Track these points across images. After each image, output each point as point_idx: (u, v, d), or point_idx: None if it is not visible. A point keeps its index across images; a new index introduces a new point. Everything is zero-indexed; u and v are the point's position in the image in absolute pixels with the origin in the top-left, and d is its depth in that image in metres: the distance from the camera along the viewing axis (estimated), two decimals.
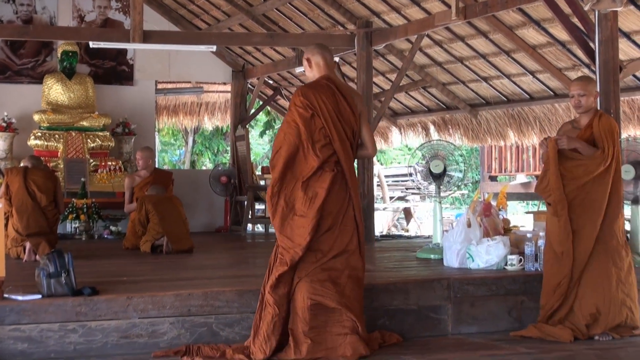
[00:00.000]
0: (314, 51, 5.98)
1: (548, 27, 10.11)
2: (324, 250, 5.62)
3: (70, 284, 5.76)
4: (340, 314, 5.56)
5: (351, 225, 5.70)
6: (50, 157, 12.87)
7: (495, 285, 6.68)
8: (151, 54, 14.01)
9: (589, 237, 6.32)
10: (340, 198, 5.68)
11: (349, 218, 5.70)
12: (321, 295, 5.55)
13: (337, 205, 5.67)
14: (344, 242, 5.66)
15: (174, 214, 9.64)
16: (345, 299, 5.58)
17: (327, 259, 5.61)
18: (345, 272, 5.63)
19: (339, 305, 5.54)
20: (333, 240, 5.64)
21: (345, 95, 5.81)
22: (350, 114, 5.78)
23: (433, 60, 12.40)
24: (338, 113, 5.74)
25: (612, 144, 6.45)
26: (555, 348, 5.91)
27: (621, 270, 6.37)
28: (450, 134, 13.82)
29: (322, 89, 5.79)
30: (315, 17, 12.48)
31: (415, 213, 18.30)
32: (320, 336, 5.52)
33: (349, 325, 5.55)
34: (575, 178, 6.39)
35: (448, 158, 8.47)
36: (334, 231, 5.64)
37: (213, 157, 26.18)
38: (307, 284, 5.57)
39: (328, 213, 5.63)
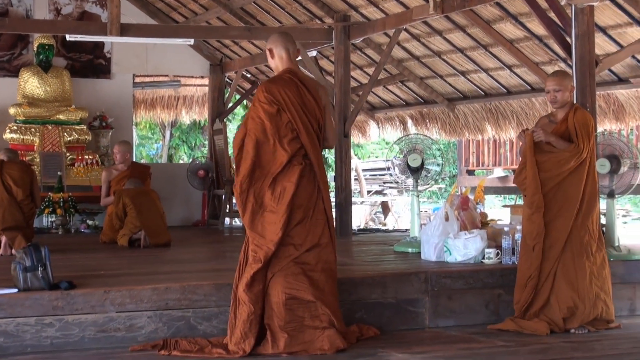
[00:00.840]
0: (277, 42, 5.91)
1: (525, 22, 10.15)
2: (296, 244, 5.61)
3: (47, 278, 5.74)
4: (316, 307, 5.56)
5: (322, 217, 5.70)
6: (27, 150, 12.79)
7: (472, 279, 6.71)
8: (128, 47, 13.94)
9: (563, 230, 6.36)
10: (310, 191, 5.67)
11: (319, 211, 5.69)
12: (296, 289, 5.55)
13: (307, 198, 5.66)
14: (316, 235, 5.65)
15: (151, 207, 9.61)
16: (319, 292, 5.58)
17: (300, 252, 5.60)
18: (319, 265, 5.64)
19: (314, 298, 5.55)
20: (305, 234, 5.63)
21: (309, 88, 5.79)
22: (315, 107, 5.77)
23: (411, 54, 12.42)
24: (303, 106, 5.72)
25: (587, 138, 6.49)
26: (532, 341, 5.95)
27: (594, 265, 6.41)
28: (428, 128, 13.86)
29: (285, 83, 5.76)
30: (293, 10, 12.47)
31: (392, 207, 18.32)
32: (297, 330, 5.52)
33: (325, 319, 5.56)
34: (550, 170, 6.43)
35: (426, 152, 8.49)
36: (305, 224, 5.63)
37: (190, 151, 26.12)
38: (281, 278, 5.56)
39: (298, 206, 5.62)
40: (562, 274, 6.34)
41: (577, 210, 6.38)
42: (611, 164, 7.27)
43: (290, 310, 5.53)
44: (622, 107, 10.93)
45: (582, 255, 6.36)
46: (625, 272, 7.14)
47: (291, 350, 5.44)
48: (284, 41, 5.91)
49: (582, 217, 6.40)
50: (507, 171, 15.05)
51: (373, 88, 12.89)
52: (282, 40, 5.91)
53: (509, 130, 12.62)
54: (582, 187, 6.42)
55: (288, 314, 5.53)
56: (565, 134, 6.56)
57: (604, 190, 7.33)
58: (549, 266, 6.35)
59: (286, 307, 5.53)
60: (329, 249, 5.72)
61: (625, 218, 19.11)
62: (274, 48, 5.91)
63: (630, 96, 10.76)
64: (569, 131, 6.55)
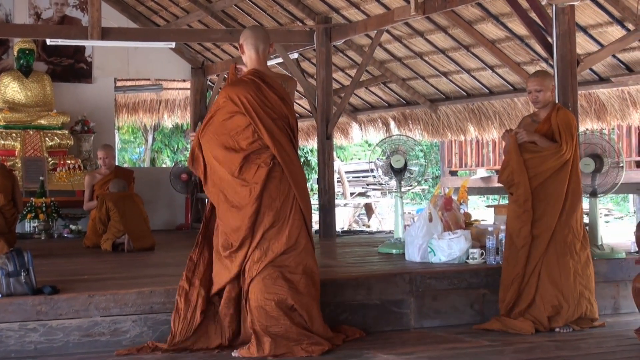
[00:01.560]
0: (247, 40, 5.85)
1: (506, 22, 10.18)
2: (271, 247, 5.58)
3: (30, 283, 5.70)
4: (296, 310, 5.54)
5: (299, 219, 5.65)
6: (8, 156, 12.72)
7: (457, 279, 6.72)
8: (110, 51, 13.90)
9: (547, 230, 6.38)
10: (283, 193, 5.63)
11: (295, 212, 5.64)
12: (275, 293, 5.53)
13: (280, 200, 5.61)
14: (292, 238, 5.61)
15: (134, 211, 9.58)
16: (300, 296, 5.56)
17: (275, 255, 5.57)
18: (299, 268, 5.60)
19: (294, 301, 5.53)
20: (280, 237, 5.59)
21: (274, 87, 5.73)
22: (281, 105, 5.72)
23: (393, 55, 12.43)
24: (265, 107, 5.66)
25: (570, 137, 6.52)
26: (517, 340, 5.96)
27: (578, 263, 6.44)
28: (411, 129, 13.88)
29: (246, 85, 5.71)
30: (274, 13, 12.46)
31: (376, 209, 18.33)
32: (281, 333, 5.49)
33: (307, 322, 5.55)
34: (534, 168, 6.46)
35: (409, 153, 8.51)
36: (280, 227, 5.60)
37: (173, 154, 26.06)
38: (259, 282, 5.55)
39: (270, 208, 5.59)
40: (546, 273, 6.36)
41: (560, 209, 6.40)
42: (595, 163, 7.31)
43: (271, 314, 5.51)
44: (603, 106, 10.97)
45: (565, 254, 6.38)
46: (608, 271, 7.17)
47: (276, 353, 5.41)
48: (254, 39, 5.82)
49: (566, 216, 6.42)
50: (490, 172, 15.09)
51: (355, 90, 12.90)
52: (252, 39, 5.83)
53: (492, 130, 12.65)
54: (566, 186, 6.44)
55: (269, 318, 5.51)
56: (548, 133, 6.58)
57: (586, 190, 7.37)
58: (532, 265, 6.37)
59: (266, 311, 5.52)
60: (309, 252, 5.68)
61: (608, 217, 19.21)
62: (244, 45, 5.87)
63: (611, 95, 10.80)
64: (552, 130, 6.57)
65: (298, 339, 5.48)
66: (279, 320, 5.50)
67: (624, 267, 7.23)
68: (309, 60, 13.36)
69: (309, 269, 5.65)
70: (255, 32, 5.90)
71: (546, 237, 6.37)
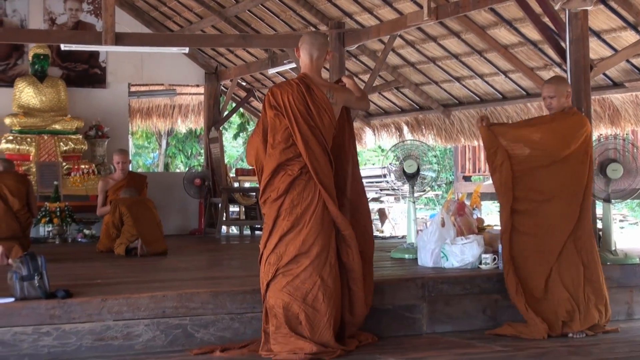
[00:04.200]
0: (304, 45, 5.90)
1: (519, 27, 10.17)
2: (287, 251, 5.62)
3: (44, 287, 5.73)
4: (304, 317, 5.55)
5: (316, 228, 5.63)
6: (23, 160, 12.78)
7: (469, 284, 6.71)
8: (123, 56, 13.95)
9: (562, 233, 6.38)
10: (306, 200, 5.64)
11: (315, 221, 5.63)
12: (282, 299, 5.57)
13: (302, 206, 5.63)
14: (305, 244, 5.61)
15: (147, 216, 9.61)
16: (305, 305, 5.56)
17: (288, 259, 5.60)
18: (311, 278, 5.58)
19: (298, 310, 5.54)
20: (296, 242, 5.62)
21: (318, 96, 5.75)
22: (324, 114, 5.74)
23: (406, 60, 12.44)
24: (306, 113, 5.70)
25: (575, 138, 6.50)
26: (530, 345, 5.95)
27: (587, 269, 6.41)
28: (424, 135, 13.87)
29: (291, 87, 5.76)
30: (288, 18, 12.48)
31: (389, 214, 18.32)
32: (289, 336, 5.52)
33: (315, 329, 5.56)
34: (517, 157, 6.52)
35: (422, 158, 8.49)
36: (298, 232, 5.62)
37: (186, 159, 26.11)
38: (272, 286, 5.63)
39: (290, 214, 5.63)
40: (560, 278, 6.34)
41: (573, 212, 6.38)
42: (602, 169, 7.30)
43: (278, 317, 5.56)
44: (617, 111, 10.95)
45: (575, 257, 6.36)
46: (622, 276, 7.14)
47: (282, 356, 5.46)
48: (310, 46, 5.87)
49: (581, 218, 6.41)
50: None
51: (368, 95, 12.89)
52: (308, 45, 5.88)
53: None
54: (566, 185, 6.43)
55: (277, 321, 5.56)
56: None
57: (600, 195, 7.34)
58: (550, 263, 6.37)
59: (275, 314, 5.58)
60: (324, 262, 5.64)
61: (623, 223, 19.13)
62: (300, 49, 5.92)
63: (625, 100, 10.78)
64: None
65: (304, 345, 5.49)
66: (287, 324, 5.54)
67: (638, 272, 7.21)
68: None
69: (322, 281, 5.60)
70: (312, 39, 5.93)
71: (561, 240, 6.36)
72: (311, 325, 5.55)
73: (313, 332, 5.55)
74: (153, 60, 14.38)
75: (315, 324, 5.56)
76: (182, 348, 5.81)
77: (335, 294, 5.67)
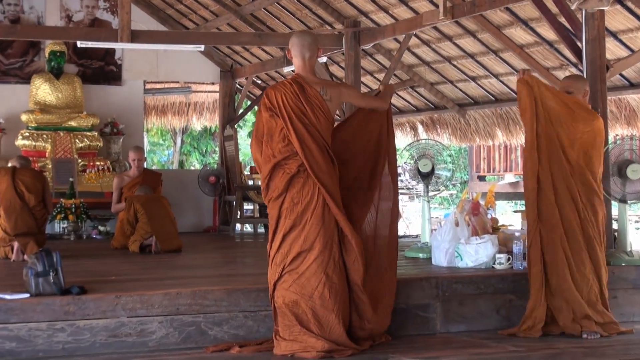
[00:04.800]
0: (294, 47, 5.92)
1: (535, 27, 10.14)
2: (291, 250, 5.65)
3: (59, 283, 5.75)
4: (311, 315, 5.57)
5: (316, 225, 5.65)
6: (39, 157, 12.84)
7: (483, 284, 6.70)
8: (139, 53, 13.98)
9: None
10: (306, 197, 5.67)
11: (315, 218, 5.65)
12: (287, 297, 5.62)
13: (302, 204, 5.66)
14: (307, 242, 5.63)
15: (162, 213, 9.63)
16: (312, 302, 5.58)
17: (292, 257, 5.64)
18: (316, 276, 5.60)
19: (306, 308, 5.56)
20: (298, 239, 5.65)
21: (311, 95, 5.77)
22: (319, 112, 5.77)
23: (421, 59, 12.42)
24: (300, 113, 5.73)
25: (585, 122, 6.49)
26: (543, 346, 5.93)
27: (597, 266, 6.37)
28: (439, 134, 13.85)
29: (284, 87, 5.80)
30: (303, 16, 12.49)
31: (403, 213, 18.32)
32: (298, 333, 5.56)
33: (323, 327, 5.58)
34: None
35: (436, 157, 8.48)
36: (300, 230, 5.65)
37: (201, 157, 26.15)
38: (279, 285, 5.67)
39: (291, 212, 5.67)
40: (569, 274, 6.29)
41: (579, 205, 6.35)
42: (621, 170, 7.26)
43: (287, 316, 5.59)
44: (633, 111, 10.91)
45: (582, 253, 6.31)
46: (637, 278, 7.10)
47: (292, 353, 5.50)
48: (300, 47, 5.89)
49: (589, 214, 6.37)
50: (518, 177, 15.03)
51: None
52: (298, 46, 5.90)
53: (520, 135, 12.59)
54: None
55: (285, 318, 5.59)
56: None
57: (615, 195, 7.31)
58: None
59: (283, 312, 5.62)
60: (328, 259, 5.64)
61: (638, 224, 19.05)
62: (291, 51, 5.95)
63: None
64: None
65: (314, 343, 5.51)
66: (295, 322, 5.57)
67: None
68: (338, 64, 13.37)
69: (327, 277, 5.61)
70: (301, 40, 5.94)
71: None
72: (320, 322, 5.57)
73: (323, 329, 5.56)
74: (168, 57, 14.40)
75: (324, 321, 5.57)
76: (196, 345, 5.82)
77: (342, 290, 5.68)
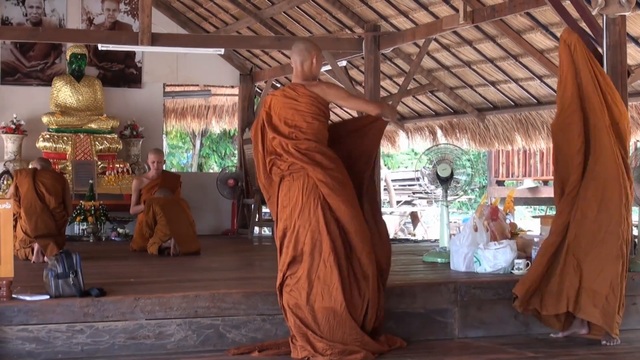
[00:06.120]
0: (293, 56, 6.04)
1: (556, 32, 10.10)
2: (287, 254, 5.70)
3: (78, 285, 5.78)
4: (311, 318, 5.61)
5: (304, 227, 5.66)
6: (59, 159, 12.91)
7: (502, 289, 6.67)
8: (159, 56, 14.04)
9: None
10: (292, 200, 5.72)
11: (303, 219, 5.67)
12: (287, 302, 5.68)
13: (290, 207, 5.73)
14: (298, 246, 5.67)
15: (181, 216, 9.66)
16: (310, 307, 5.59)
17: (288, 261, 5.69)
18: (308, 277, 5.61)
19: (306, 310, 5.59)
20: (289, 244, 5.71)
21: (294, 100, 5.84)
22: (294, 118, 5.83)
23: (440, 64, 12.41)
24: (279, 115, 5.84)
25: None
26: (562, 352, 5.91)
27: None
28: (458, 138, 13.83)
29: (277, 93, 5.94)
30: (323, 20, 12.50)
31: (422, 217, 18.30)
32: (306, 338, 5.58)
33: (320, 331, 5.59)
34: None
35: (455, 162, 8.48)
36: (291, 234, 5.70)
37: (220, 160, 26.21)
38: (284, 289, 5.74)
39: (282, 214, 5.76)
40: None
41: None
42: None
43: (293, 319, 5.63)
44: None
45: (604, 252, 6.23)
46: None
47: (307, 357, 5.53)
48: (299, 56, 5.99)
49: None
50: (537, 182, 14.98)
51: (402, 98, 12.90)
52: (297, 55, 6.00)
53: (539, 140, 12.56)
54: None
55: (294, 322, 5.63)
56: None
57: (637, 202, 7.27)
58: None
59: (289, 316, 5.66)
60: (320, 261, 5.64)
61: None
62: (291, 58, 6.08)
63: None
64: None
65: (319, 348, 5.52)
66: (301, 327, 5.59)
67: None
68: (357, 68, 13.38)
69: (319, 280, 5.61)
70: (296, 47, 6.06)
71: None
72: (319, 325, 5.57)
73: (325, 331, 5.56)
74: (188, 60, 14.45)
75: (323, 324, 5.57)
76: (214, 348, 5.83)
77: (337, 291, 5.58)
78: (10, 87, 13.57)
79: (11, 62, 13.59)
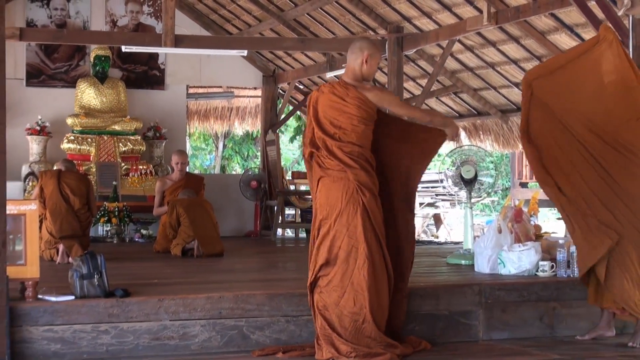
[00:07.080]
0: (349, 51, 6.02)
1: (581, 33, 10.04)
2: (318, 257, 5.69)
3: (103, 286, 5.81)
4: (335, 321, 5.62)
5: (341, 232, 5.64)
6: (83, 160, 12.97)
7: (526, 291, 6.65)
8: (182, 58, 14.08)
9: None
10: (330, 202, 5.70)
11: (340, 224, 5.64)
12: (320, 303, 5.67)
13: (326, 209, 5.71)
14: (333, 250, 5.65)
15: (204, 217, 9.67)
16: (340, 311, 5.59)
17: (319, 266, 5.68)
18: (342, 283, 5.60)
19: (334, 314, 5.59)
20: (323, 247, 5.69)
21: (340, 97, 5.81)
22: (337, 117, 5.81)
23: (464, 65, 12.37)
24: (324, 114, 5.81)
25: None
26: (588, 355, 5.88)
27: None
28: (482, 140, 13.78)
29: (323, 88, 5.92)
30: (347, 22, 12.49)
31: (445, 219, 18.25)
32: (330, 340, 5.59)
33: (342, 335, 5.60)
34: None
35: (479, 164, 8.44)
36: (324, 237, 5.69)
37: (243, 161, 26.24)
38: (315, 289, 5.73)
39: (319, 214, 5.74)
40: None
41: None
42: None
43: (320, 320, 5.64)
44: None
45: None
46: None
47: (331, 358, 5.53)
48: (352, 53, 5.99)
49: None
50: None
51: (426, 99, 12.86)
52: (350, 51, 6.01)
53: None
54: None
55: (320, 322, 5.63)
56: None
57: None
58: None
59: (317, 316, 5.67)
60: (354, 266, 5.62)
61: None
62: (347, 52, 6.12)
63: None
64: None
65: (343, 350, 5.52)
66: (326, 328, 5.60)
67: None
68: (381, 69, 13.35)
69: (352, 286, 5.60)
70: (353, 44, 6.05)
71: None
72: (345, 329, 5.57)
73: (350, 335, 5.56)
74: (211, 62, 14.48)
75: (350, 328, 5.57)
76: (238, 349, 5.85)
77: (368, 298, 5.58)
78: (35, 89, 13.65)
79: (36, 64, 13.67)
